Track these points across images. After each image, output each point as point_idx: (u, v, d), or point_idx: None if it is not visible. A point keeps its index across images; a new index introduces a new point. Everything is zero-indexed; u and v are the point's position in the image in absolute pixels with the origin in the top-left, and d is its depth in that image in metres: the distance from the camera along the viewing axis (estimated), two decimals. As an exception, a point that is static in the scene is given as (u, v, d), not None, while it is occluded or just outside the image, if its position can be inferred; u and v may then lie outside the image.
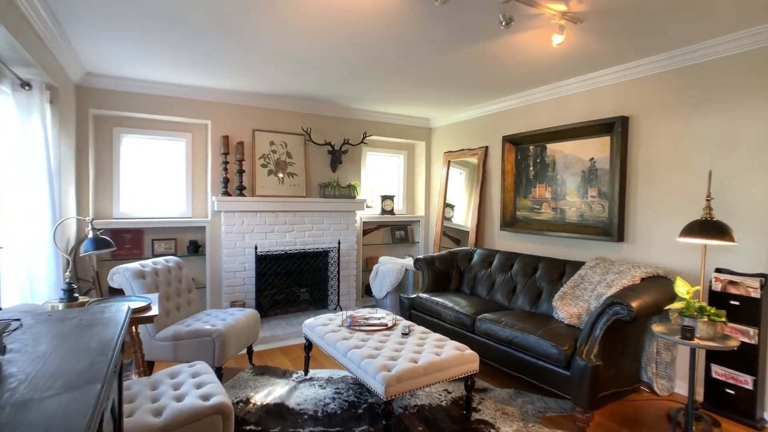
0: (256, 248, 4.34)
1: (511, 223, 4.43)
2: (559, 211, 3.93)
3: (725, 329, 2.59)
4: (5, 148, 2.54)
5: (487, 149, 4.80)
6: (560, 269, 3.57)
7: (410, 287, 4.91)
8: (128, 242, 4.06)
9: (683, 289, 2.42)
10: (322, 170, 4.94)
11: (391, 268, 4.75)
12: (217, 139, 4.31)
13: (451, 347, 2.63)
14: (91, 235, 2.51)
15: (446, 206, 5.38)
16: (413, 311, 4.07)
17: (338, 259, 4.87)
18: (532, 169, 4.21)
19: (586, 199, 3.69)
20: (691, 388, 2.42)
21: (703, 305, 2.32)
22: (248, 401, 2.84)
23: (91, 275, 3.67)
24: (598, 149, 3.59)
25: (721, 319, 2.27)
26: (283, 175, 4.62)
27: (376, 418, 2.65)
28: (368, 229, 5.51)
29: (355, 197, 4.93)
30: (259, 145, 4.48)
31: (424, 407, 2.80)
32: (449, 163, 5.34)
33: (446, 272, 4.33)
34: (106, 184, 4.01)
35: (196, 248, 4.28)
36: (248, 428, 2.51)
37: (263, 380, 3.17)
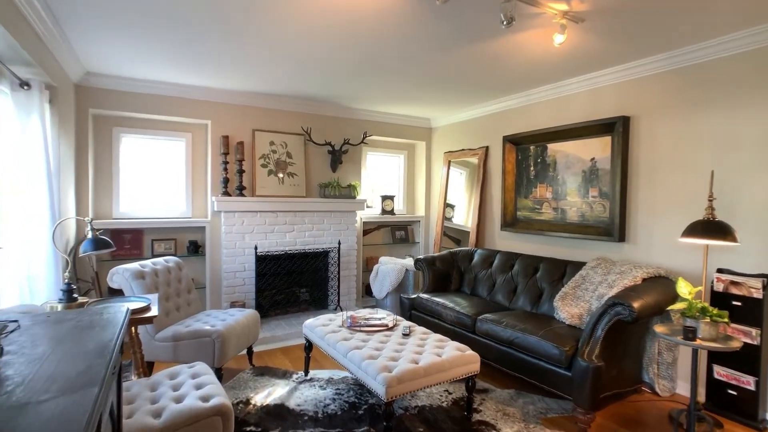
0: (256, 248, 4.33)
1: (511, 223, 4.42)
2: (560, 211, 3.92)
3: (728, 330, 2.57)
4: (4, 148, 2.53)
5: (487, 149, 4.79)
6: (561, 269, 3.56)
7: (410, 287, 4.90)
8: (128, 242, 4.05)
9: (685, 289, 2.41)
10: (322, 170, 4.93)
11: (391, 268, 4.74)
12: (217, 139, 4.30)
13: (452, 348, 2.62)
14: (90, 235, 2.51)
15: (447, 206, 5.37)
16: (414, 312, 4.06)
17: (338, 259, 4.86)
18: (532, 169, 4.20)
19: (587, 199, 3.68)
20: (693, 389, 2.41)
21: (705, 306, 2.31)
22: (248, 402, 2.83)
23: (90, 275, 3.66)
24: (599, 149, 3.58)
25: (723, 319, 2.26)
26: (283, 175, 4.61)
27: (376, 419, 2.64)
28: (368, 229, 5.49)
29: (355, 197, 4.92)
30: (259, 145, 4.47)
31: (424, 408, 2.79)
32: (450, 163, 5.33)
33: (447, 272, 4.32)
34: (105, 184, 4.00)
35: (195, 248, 4.27)
36: (248, 429, 2.50)
37: (263, 381, 3.16)
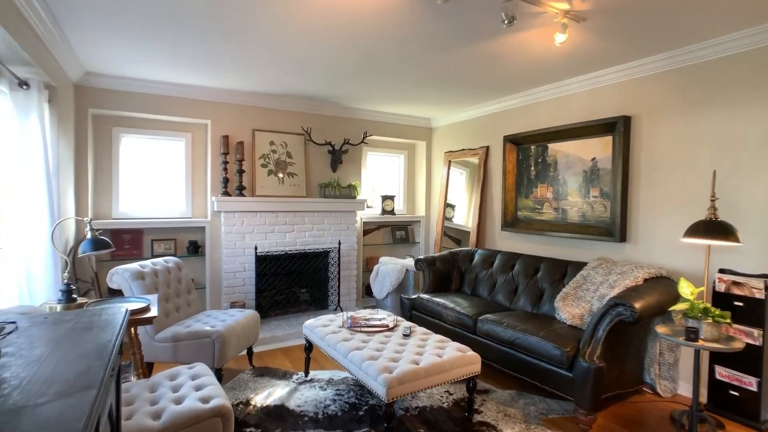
0: (256, 249, 4.32)
1: (512, 223, 4.41)
2: (560, 211, 3.91)
3: (730, 330, 2.56)
4: (3, 148, 2.52)
5: (488, 149, 4.77)
6: (562, 270, 3.55)
7: (411, 288, 4.89)
8: (127, 242, 4.03)
9: (687, 290, 2.40)
10: (322, 170, 4.92)
11: (391, 268, 4.72)
12: (216, 138, 4.29)
13: (452, 349, 2.61)
14: (89, 235, 2.50)
15: (447, 206, 5.36)
16: (414, 312, 4.05)
17: (338, 259, 4.85)
18: (533, 169, 4.19)
19: (587, 199, 3.67)
20: (695, 390, 2.39)
21: (707, 306, 2.30)
22: (248, 403, 2.82)
23: (90, 276, 3.65)
24: (600, 149, 3.57)
25: (725, 320, 2.25)
26: (283, 175, 4.60)
27: (377, 420, 2.63)
28: (369, 229, 5.48)
29: (355, 197, 4.91)
30: (259, 144, 4.46)
31: (425, 409, 2.77)
32: (450, 163, 5.32)
33: (447, 273, 4.31)
34: (105, 184, 3.99)
35: (195, 249, 4.26)
36: (248, 430, 2.48)
37: (263, 381, 3.15)
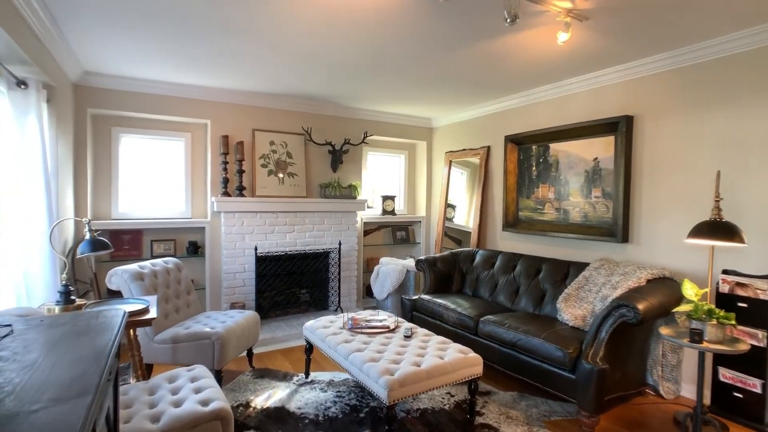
0: (256, 249, 4.30)
1: (513, 223, 4.38)
2: (562, 211, 3.89)
3: (734, 332, 2.54)
4: (1, 148, 2.50)
5: (489, 149, 4.75)
6: (564, 270, 3.52)
7: (411, 288, 4.87)
8: (127, 243, 4.01)
9: (691, 291, 2.38)
10: (322, 170, 4.90)
11: (392, 269, 4.70)
12: (216, 138, 4.27)
13: (454, 350, 2.59)
14: (88, 236, 2.48)
15: (448, 206, 5.34)
16: (415, 313, 4.03)
17: (339, 260, 4.83)
18: (534, 169, 4.16)
19: (589, 199, 3.65)
20: (699, 392, 2.37)
21: (711, 308, 2.28)
22: (248, 405, 2.79)
23: (89, 277, 3.63)
24: (602, 149, 3.55)
25: (730, 321, 2.23)
26: (283, 175, 4.57)
27: (378, 422, 2.61)
28: (369, 229, 5.46)
29: (355, 197, 4.88)
30: (259, 144, 4.44)
31: (426, 411, 2.75)
32: (451, 163, 5.30)
33: (448, 273, 4.29)
34: (104, 184, 3.97)
35: (195, 249, 4.24)
36: (248, 433, 2.47)
37: (263, 383, 3.13)
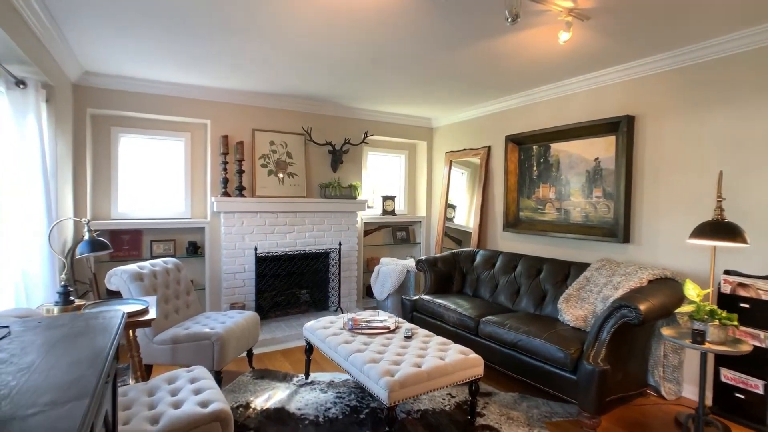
0: (255, 249, 4.29)
1: (514, 223, 4.37)
2: (563, 211, 3.88)
3: (737, 333, 2.53)
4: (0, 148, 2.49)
5: (489, 149, 4.74)
6: (565, 271, 3.51)
7: (412, 289, 4.85)
8: (127, 243, 4.00)
9: (693, 291, 2.37)
10: (322, 170, 4.89)
11: (392, 269, 4.69)
12: (216, 138, 4.26)
13: (455, 351, 2.58)
14: (87, 236, 2.46)
15: (448, 207, 5.33)
16: (415, 313, 4.02)
17: (339, 260, 4.82)
18: (535, 169, 4.15)
19: (590, 199, 3.64)
20: (701, 393, 2.36)
21: (714, 308, 2.27)
22: (248, 406, 2.78)
23: (88, 277, 3.61)
24: (602, 149, 3.54)
25: (733, 322, 2.22)
26: (283, 175, 4.56)
27: (378, 423, 2.60)
28: (369, 229, 5.45)
29: (356, 198, 4.87)
30: (259, 144, 4.43)
31: (427, 412, 2.74)
32: (451, 163, 5.28)
33: (448, 273, 4.28)
34: (104, 184, 3.95)
35: (195, 249, 4.23)
36: (248, 434, 2.45)
37: (263, 384, 3.11)
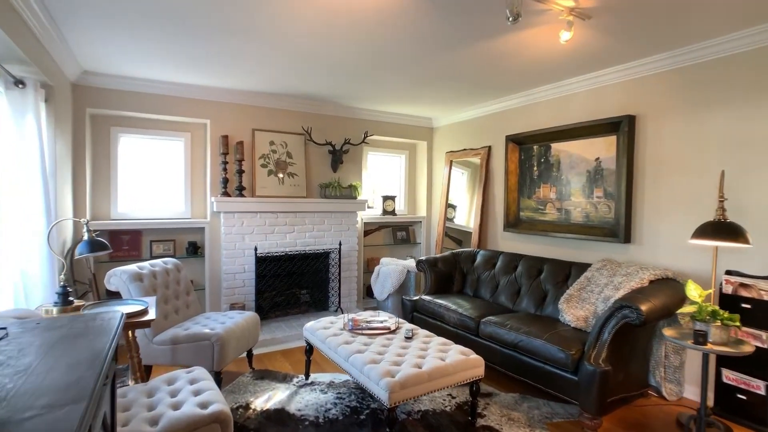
0: (255, 249, 4.28)
1: (514, 223, 4.36)
2: (563, 211, 3.87)
3: (739, 333, 2.52)
4: (-2, 147, 2.48)
5: (490, 149, 4.73)
6: (566, 271, 3.50)
7: (412, 289, 4.84)
8: (126, 243, 3.99)
9: (695, 292, 2.36)
10: (322, 170, 4.88)
11: (392, 269, 4.68)
12: (216, 138, 4.25)
13: (455, 352, 2.57)
14: (86, 237, 2.45)
15: (448, 207, 5.32)
16: (416, 313, 4.01)
17: (339, 260, 4.81)
18: (536, 169, 4.14)
19: (591, 199, 3.63)
20: (703, 394, 2.35)
21: (716, 309, 2.26)
22: (248, 407, 2.77)
23: (87, 277, 3.60)
24: (603, 149, 3.53)
25: (735, 323, 2.21)
26: (283, 175, 4.55)
27: (379, 424, 2.59)
28: (369, 229, 5.44)
29: (356, 198, 4.86)
30: (258, 144, 4.42)
31: (428, 413, 2.73)
32: (451, 163, 5.28)
33: (449, 274, 4.27)
34: (103, 184, 3.94)
35: (195, 249, 4.22)
36: (248, 435, 2.44)
37: (263, 385, 3.11)
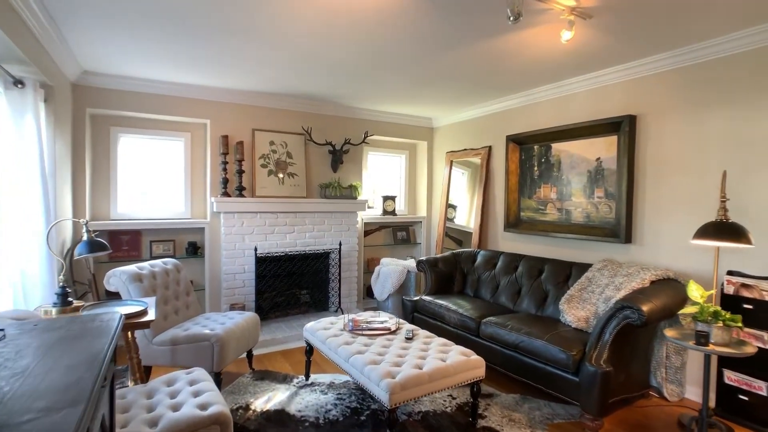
0: (255, 250, 4.27)
1: (515, 224, 4.35)
2: (564, 212, 3.86)
3: (741, 334, 2.51)
4: (-3, 147, 2.47)
5: (490, 149, 4.72)
6: (566, 271, 3.49)
7: (412, 289, 4.84)
8: (126, 244, 3.98)
9: (697, 293, 2.35)
10: (322, 170, 4.87)
11: (392, 269, 4.67)
12: (216, 138, 4.24)
13: (456, 353, 2.56)
14: (85, 237, 2.45)
15: (449, 207, 5.31)
16: (416, 314, 4.00)
17: (339, 260, 4.80)
18: (536, 169, 4.13)
19: (592, 199, 3.62)
20: (705, 395, 2.34)
21: (717, 310, 2.25)
22: (248, 408, 2.76)
23: (87, 278, 3.59)
24: (604, 149, 3.52)
25: (737, 324, 2.20)
26: (283, 175, 4.54)
27: (379, 425, 2.58)
28: (369, 230, 5.43)
29: (356, 198, 4.85)
30: (258, 144, 4.41)
31: (428, 414, 2.72)
32: (452, 163, 5.27)
33: (449, 274, 4.26)
34: (103, 184, 3.94)
35: (195, 250, 4.21)
36: (248, 436, 2.44)
37: (263, 385, 3.10)
